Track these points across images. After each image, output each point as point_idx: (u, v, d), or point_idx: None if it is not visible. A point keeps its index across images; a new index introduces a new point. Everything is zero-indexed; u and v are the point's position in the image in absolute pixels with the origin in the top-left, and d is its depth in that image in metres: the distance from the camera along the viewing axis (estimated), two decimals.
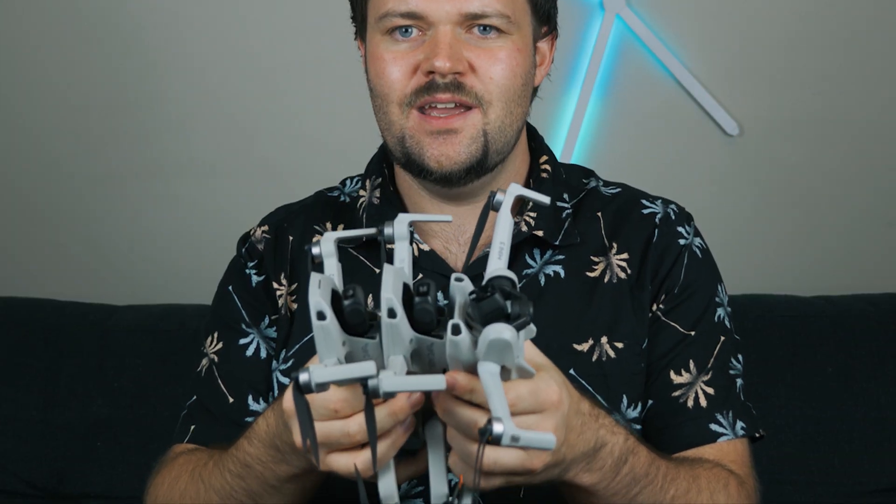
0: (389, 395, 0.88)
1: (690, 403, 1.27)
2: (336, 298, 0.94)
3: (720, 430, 1.26)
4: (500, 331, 0.86)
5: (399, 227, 1.02)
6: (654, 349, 1.29)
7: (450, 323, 0.89)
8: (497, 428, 0.84)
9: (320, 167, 2.22)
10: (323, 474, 1.05)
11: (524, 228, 1.28)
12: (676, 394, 1.27)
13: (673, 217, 1.35)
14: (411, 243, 1.02)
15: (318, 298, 0.90)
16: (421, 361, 0.95)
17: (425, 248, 1.29)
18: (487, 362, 0.87)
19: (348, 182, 1.42)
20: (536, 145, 1.37)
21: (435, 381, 0.88)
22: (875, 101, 2.37)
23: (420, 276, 1.27)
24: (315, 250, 1.00)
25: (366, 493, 0.94)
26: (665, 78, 2.35)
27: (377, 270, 1.29)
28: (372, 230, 1.05)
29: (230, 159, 2.40)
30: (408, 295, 0.94)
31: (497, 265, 0.95)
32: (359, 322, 0.93)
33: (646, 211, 1.35)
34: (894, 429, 2.02)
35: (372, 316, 0.95)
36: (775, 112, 2.37)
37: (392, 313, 0.90)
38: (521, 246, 1.29)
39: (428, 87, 1.21)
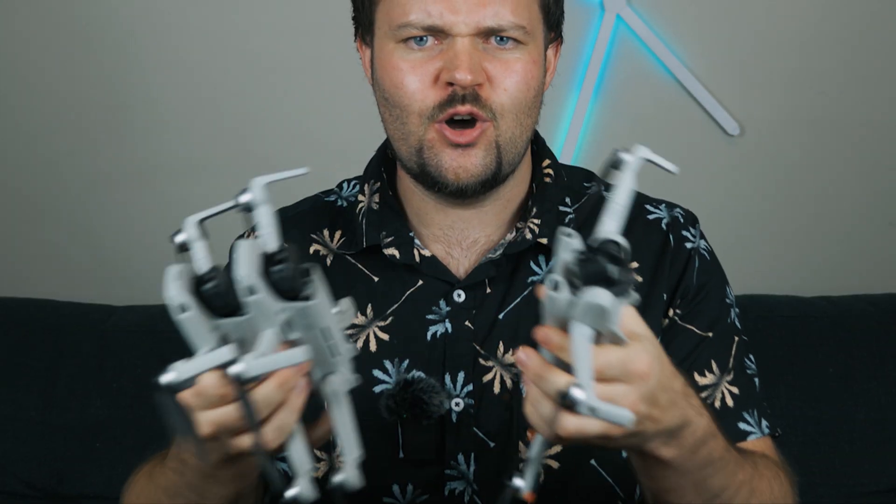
0: (258, 378, 0.89)
1: (717, 404, 1.27)
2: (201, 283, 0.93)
3: (749, 428, 1.27)
4: (598, 295, 0.86)
5: (257, 192, 0.99)
6: (672, 355, 1.28)
7: (549, 278, 0.89)
8: (577, 394, 0.85)
9: (319, 167, 2.21)
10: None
11: (528, 236, 1.26)
12: (703, 395, 1.27)
13: (681, 220, 1.34)
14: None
15: (173, 292, 0.89)
16: (299, 325, 0.94)
17: (426, 253, 1.27)
18: (581, 324, 0.87)
19: (346, 185, 1.40)
20: (538, 148, 1.35)
21: (295, 356, 0.89)
22: (876, 101, 2.37)
23: (421, 282, 1.27)
24: (180, 238, 0.97)
25: (276, 472, 0.94)
26: (666, 77, 2.35)
27: (375, 279, 1.28)
28: (230, 203, 1.01)
29: (229, 159, 2.39)
30: (271, 263, 0.93)
31: (610, 227, 0.93)
32: (223, 304, 0.92)
33: (651, 216, 1.34)
34: (895, 429, 2.02)
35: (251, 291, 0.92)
36: (776, 112, 2.36)
37: (251, 290, 0.90)
38: (525, 253, 1.27)
39: (450, 100, 1.19)
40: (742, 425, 1.27)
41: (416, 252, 1.27)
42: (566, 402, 0.86)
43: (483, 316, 1.25)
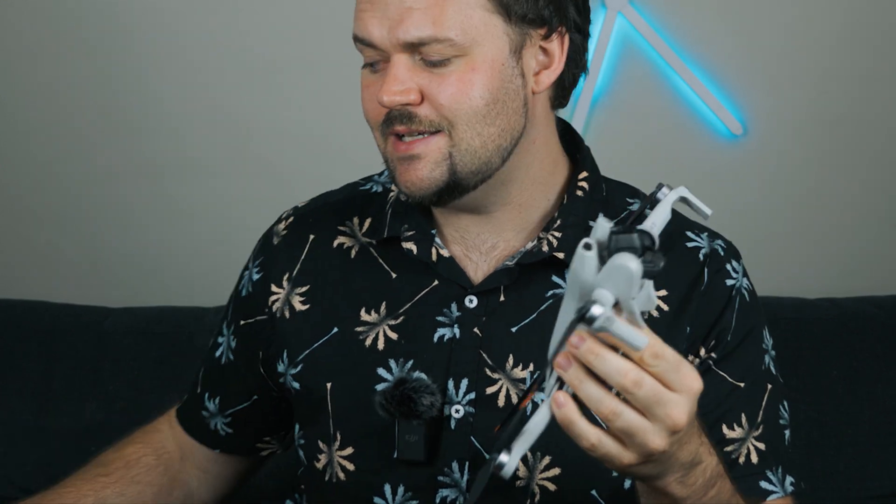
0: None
1: (742, 460, 1.24)
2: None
3: (770, 487, 1.25)
4: (627, 259, 0.88)
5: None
6: (702, 399, 1.25)
7: (583, 240, 0.90)
8: (596, 310, 0.86)
9: (319, 168, 2.21)
10: None
11: (545, 248, 1.23)
12: (729, 449, 1.24)
13: (721, 253, 1.30)
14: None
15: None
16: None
17: (445, 253, 1.25)
18: (604, 290, 0.88)
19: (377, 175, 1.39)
20: (581, 159, 1.31)
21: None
22: (882, 101, 2.36)
23: (436, 282, 1.26)
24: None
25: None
26: (668, 76, 2.34)
27: (393, 275, 1.27)
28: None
29: (226, 160, 2.38)
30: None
31: (648, 226, 0.96)
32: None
33: (690, 244, 1.29)
34: None
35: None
36: (780, 112, 2.36)
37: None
38: (545, 266, 1.24)
39: (388, 120, 1.18)
40: (764, 484, 1.24)
41: (434, 250, 1.25)
42: (586, 318, 0.87)
43: (493, 325, 1.23)
